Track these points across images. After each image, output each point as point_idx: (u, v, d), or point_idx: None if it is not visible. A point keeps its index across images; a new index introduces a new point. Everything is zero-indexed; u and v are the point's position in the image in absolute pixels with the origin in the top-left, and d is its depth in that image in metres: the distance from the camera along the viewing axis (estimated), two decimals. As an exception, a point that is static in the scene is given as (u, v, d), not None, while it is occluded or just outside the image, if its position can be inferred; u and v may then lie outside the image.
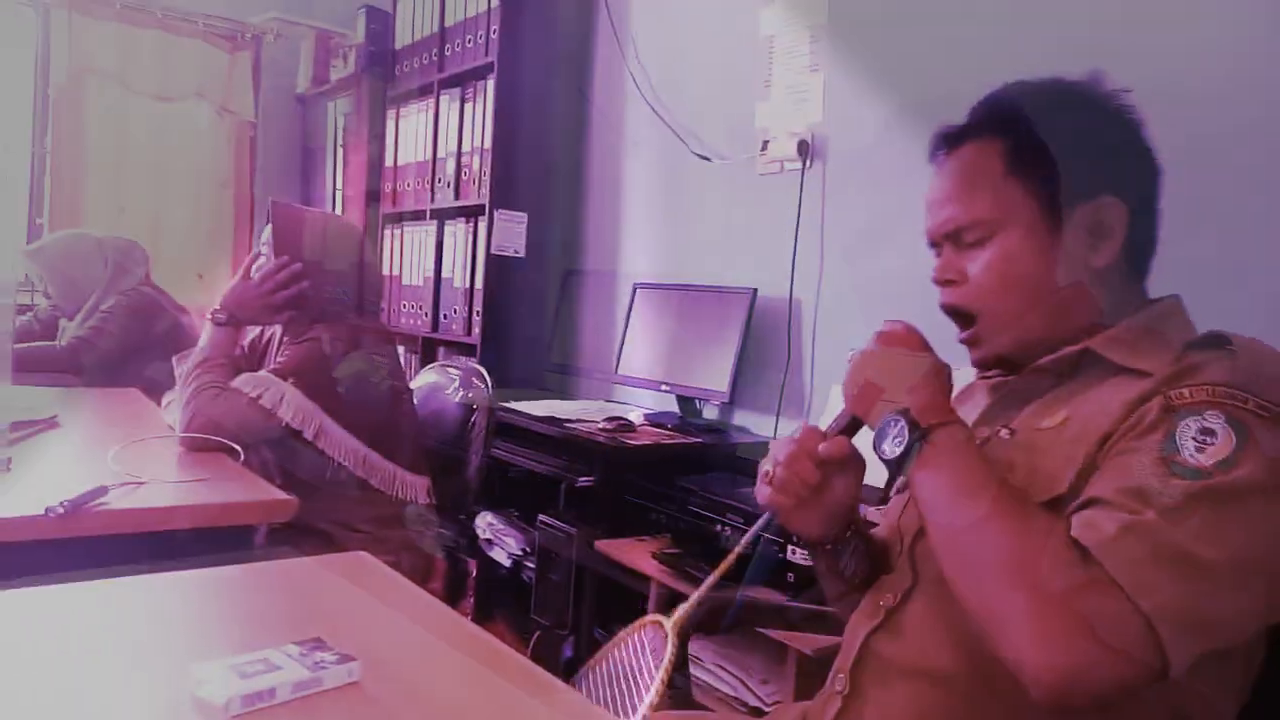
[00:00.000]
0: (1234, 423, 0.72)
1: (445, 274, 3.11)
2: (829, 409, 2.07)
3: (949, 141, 0.97)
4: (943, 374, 0.89)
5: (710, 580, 0.96)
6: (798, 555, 1.67)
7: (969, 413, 0.96)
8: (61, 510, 1.16)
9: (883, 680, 0.90)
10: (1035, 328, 0.89)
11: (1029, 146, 0.89)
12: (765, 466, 0.94)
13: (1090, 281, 0.88)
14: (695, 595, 0.95)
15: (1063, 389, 0.88)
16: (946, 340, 0.95)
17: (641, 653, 0.93)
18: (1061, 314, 0.89)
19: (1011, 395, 0.94)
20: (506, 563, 2.38)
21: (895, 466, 0.84)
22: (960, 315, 0.94)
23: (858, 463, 0.94)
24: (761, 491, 0.94)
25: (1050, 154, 0.88)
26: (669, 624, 0.91)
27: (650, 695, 0.86)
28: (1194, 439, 0.72)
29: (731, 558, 0.95)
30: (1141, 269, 0.92)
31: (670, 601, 1.86)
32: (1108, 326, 0.87)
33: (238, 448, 1.58)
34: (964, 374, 0.97)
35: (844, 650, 0.96)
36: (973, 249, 0.92)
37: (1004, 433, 0.90)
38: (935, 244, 0.97)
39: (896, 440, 0.84)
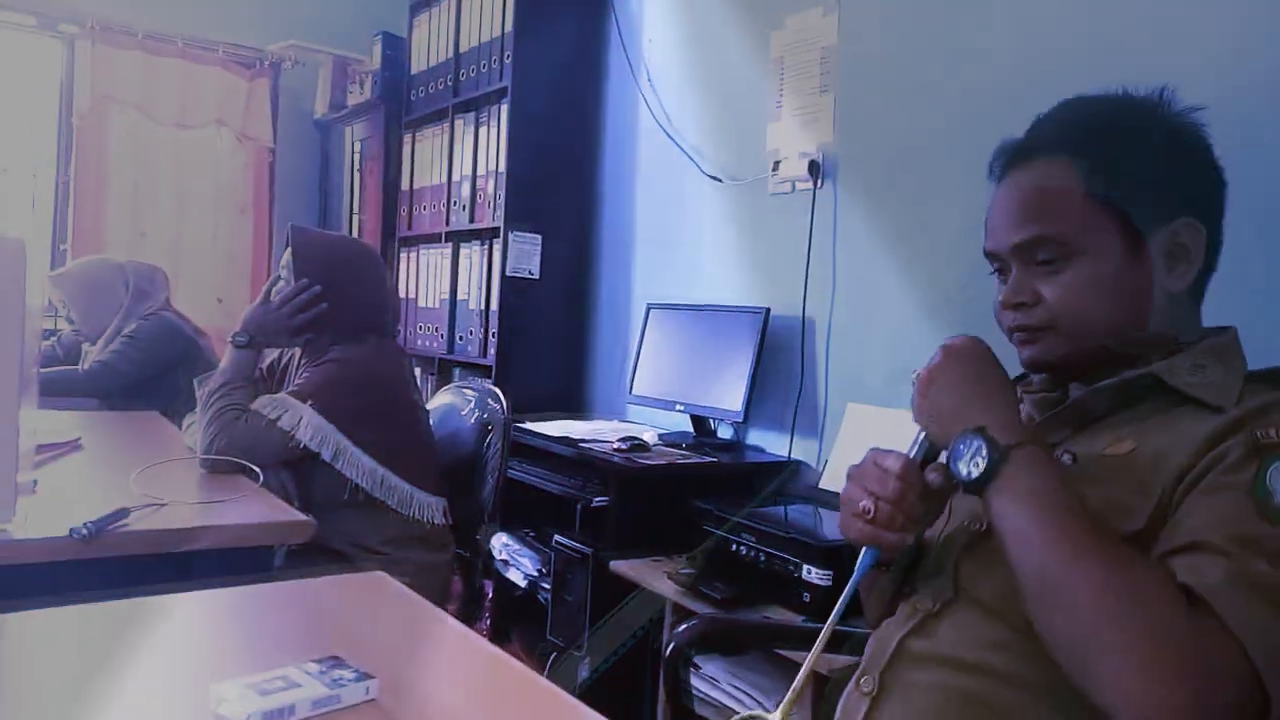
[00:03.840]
0: None
1: (461, 296, 3.14)
2: (845, 427, 2.07)
3: (1015, 158, 0.92)
4: (1014, 392, 0.86)
5: (814, 653, 0.86)
6: (813, 575, 1.67)
7: None
8: (85, 532, 1.18)
9: (912, 673, 0.89)
10: (1103, 346, 0.88)
11: (1107, 167, 0.86)
12: (864, 503, 0.85)
13: (1163, 306, 0.87)
14: (797, 681, 0.86)
15: (1124, 414, 0.86)
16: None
17: None
18: (1130, 337, 0.87)
19: (1066, 414, 0.91)
20: (522, 583, 2.38)
21: (974, 488, 0.80)
22: (1027, 332, 0.91)
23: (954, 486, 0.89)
24: (860, 530, 0.86)
25: (1129, 174, 0.86)
26: (778, 713, 0.83)
27: None
28: None
29: (834, 616, 0.86)
30: (1202, 293, 0.91)
31: (686, 621, 1.86)
32: (1173, 351, 0.86)
33: (257, 469, 1.60)
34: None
35: (873, 654, 0.94)
36: (1046, 268, 0.88)
37: (1066, 458, 0.86)
38: (998, 263, 0.94)
39: (974, 461, 0.80)
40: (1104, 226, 0.86)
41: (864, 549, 0.87)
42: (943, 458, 0.86)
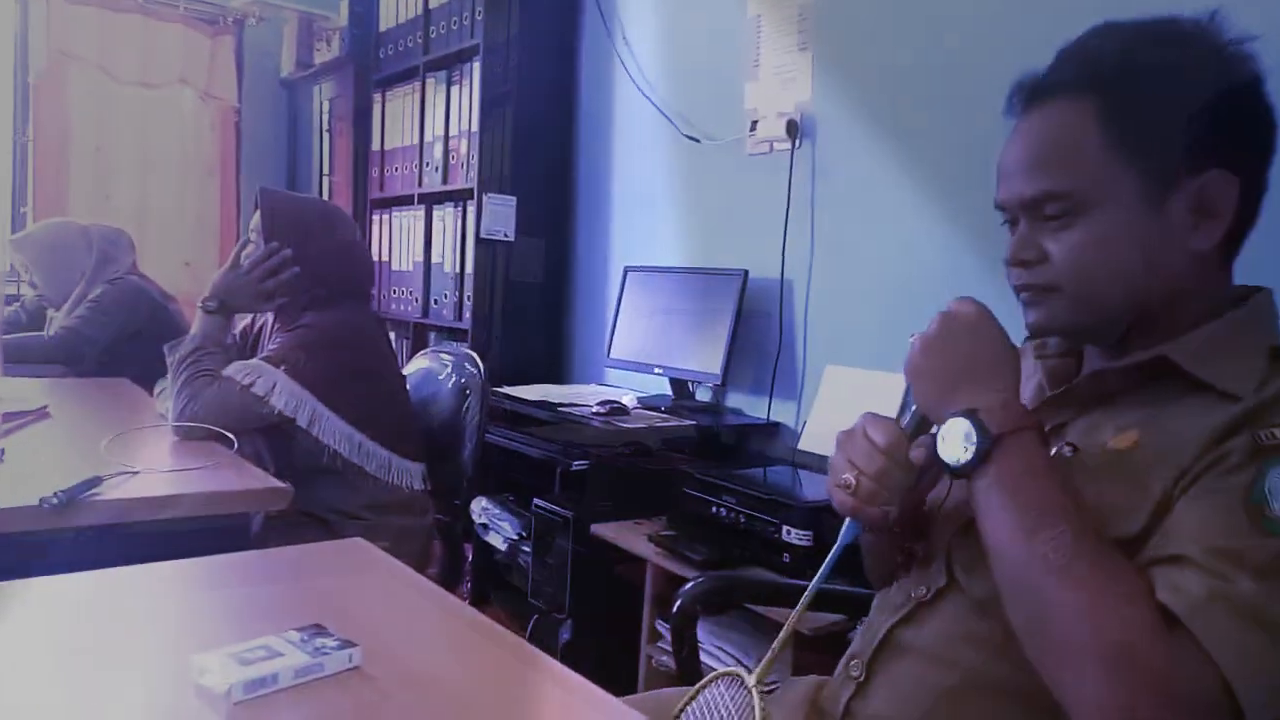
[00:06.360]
0: None
1: (435, 259, 3.10)
2: (823, 389, 2.08)
3: (1033, 96, 0.83)
4: (1016, 366, 0.80)
5: (792, 619, 0.86)
6: (793, 535, 1.68)
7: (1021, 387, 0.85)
8: (56, 501, 1.15)
9: (898, 663, 0.88)
10: (1115, 312, 0.81)
11: (1132, 110, 0.77)
12: (846, 476, 0.82)
13: (1184, 267, 0.78)
14: (776, 642, 0.86)
15: (1132, 397, 0.80)
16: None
17: (726, 714, 0.84)
18: (1146, 302, 0.80)
19: (1071, 394, 0.86)
20: (502, 547, 2.38)
21: (959, 473, 0.77)
22: (1032, 292, 0.84)
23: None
24: (842, 501, 0.83)
25: (1157, 120, 0.77)
26: (751, 680, 0.82)
27: None
28: None
29: (814, 586, 0.86)
30: (1235, 250, 0.82)
31: (668, 584, 1.88)
32: (1192, 323, 0.79)
33: (231, 436, 1.58)
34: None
35: (863, 639, 0.93)
36: (1055, 224, 0.80)
37: (1065, 449, 0.82)
38: (1008, 214, 0.86)
39: (962, 445, 0.76)
40: (1123, 179, 0.77)
41: (846, 523, 0.85)
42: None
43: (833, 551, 0.85)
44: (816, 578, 0.86)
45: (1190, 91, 0.76)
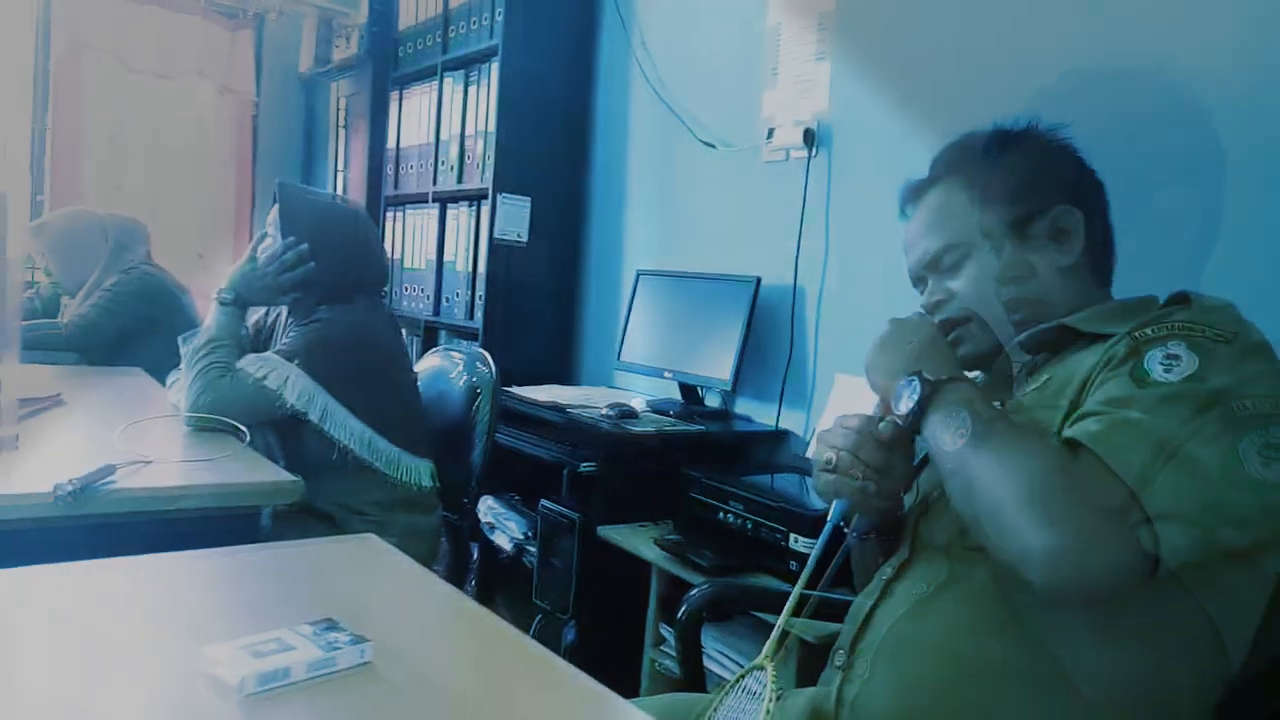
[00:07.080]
0: (1196, 346, 0.82)
1: (447, 258, 3.10)
2: (832, 397, 2.08)
3: (918, 191, 1.09)
4: (951, 356, 0.99)
5: (794, 594, 0.95)
6: (799, 543, 1.68)
7: None
8: (70, 489, 1.16)
9: (876, 637, 0.95)
10: (1017, 323, 1.01)
11: (987, 178, 1.02)
12: (827, 455, 0.98)
13: (1060, 280, 1.00)
14: (780, 620, 0.94)
15: (1042, 365, 0.99)
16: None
17: (748, 695, 0.91)
18: (1037, 309, 1.00)
19: (993, 379, 1.05)
20: (508, 547, 2.38)
21: (910, 421, 0.91)
22: (953, 327, 1.04)
23: (910, 444, 1.00)
24: (825, 481, 0.99)
25: (1005, 180, 1.02)
26: (762, 658, 0.91)
27: None
28: (1161, 363, 0.82)
29: (811, 563, 0.96)
30: (1104, 272, 1.05)
31: (673, 588, 1.87)
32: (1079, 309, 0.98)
33: (243, 429, 1.58)
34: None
35: (845, 630, 1.00)
36: (952, 272, 1.04)
37: (995, 404, 0.96)
38: (920, 280, 1.09)
39: (910, 398, 0.91)
40: (991, 224, 1.01)
41: (833, 503, 0.99)
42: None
43: (823, 532, 0.97)
44: (814, 552, 0.97)
45: (1025, 161, 1.03)
